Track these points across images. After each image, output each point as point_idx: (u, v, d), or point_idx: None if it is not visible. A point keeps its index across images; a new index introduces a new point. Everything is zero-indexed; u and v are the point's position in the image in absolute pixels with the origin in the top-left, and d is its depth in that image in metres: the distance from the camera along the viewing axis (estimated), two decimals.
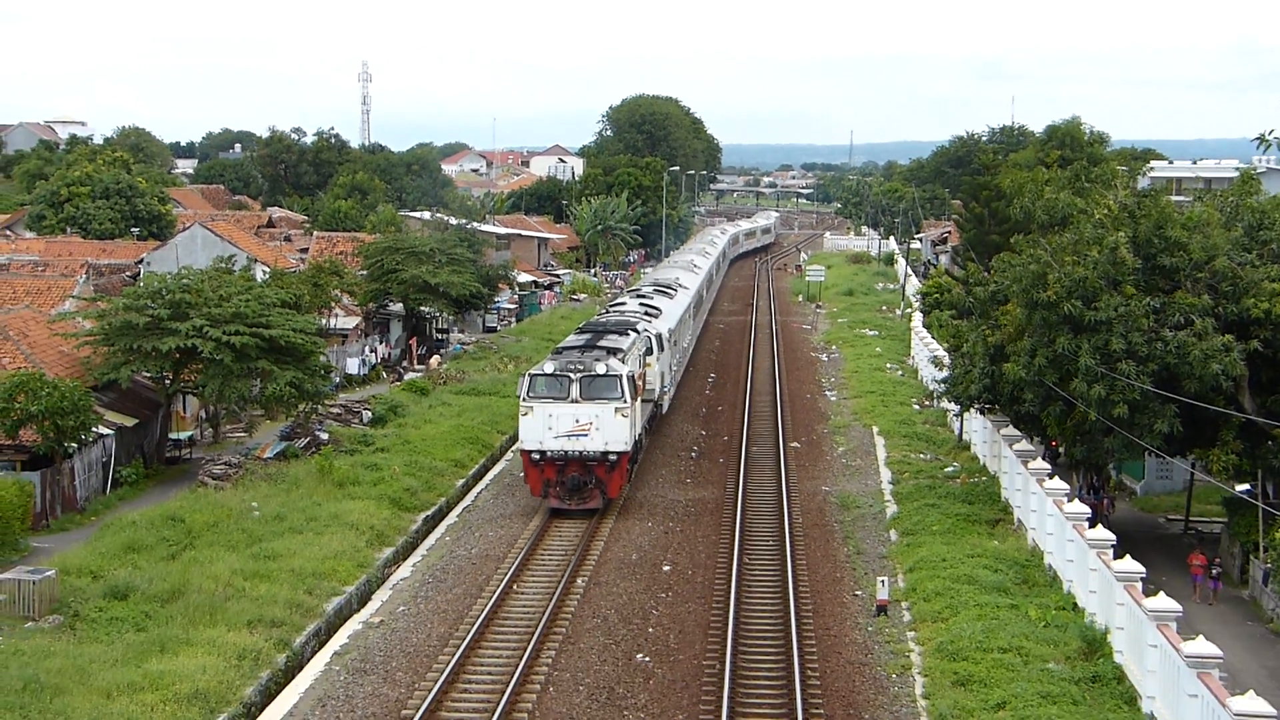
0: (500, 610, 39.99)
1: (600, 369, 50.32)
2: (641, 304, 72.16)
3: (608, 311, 71.56)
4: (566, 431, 49.97)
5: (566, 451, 50.02)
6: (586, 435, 49.94)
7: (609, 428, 50.10)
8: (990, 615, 37.71)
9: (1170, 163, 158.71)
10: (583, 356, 51.50)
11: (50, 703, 30.95)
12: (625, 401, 50.17)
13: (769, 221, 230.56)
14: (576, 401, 49.98)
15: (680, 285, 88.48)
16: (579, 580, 43.28)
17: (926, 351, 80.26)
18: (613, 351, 52.79)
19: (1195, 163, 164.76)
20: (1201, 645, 28.58)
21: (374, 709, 33.21)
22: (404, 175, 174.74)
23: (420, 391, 74.07)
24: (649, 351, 60.64)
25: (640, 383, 55.82)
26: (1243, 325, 43.15)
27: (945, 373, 56.68)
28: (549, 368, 50.74)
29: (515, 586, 42.53)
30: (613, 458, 50.41)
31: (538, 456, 50.39)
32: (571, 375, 50.15)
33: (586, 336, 56.57)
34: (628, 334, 58.00)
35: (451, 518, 52.21)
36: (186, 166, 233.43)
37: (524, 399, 50.55)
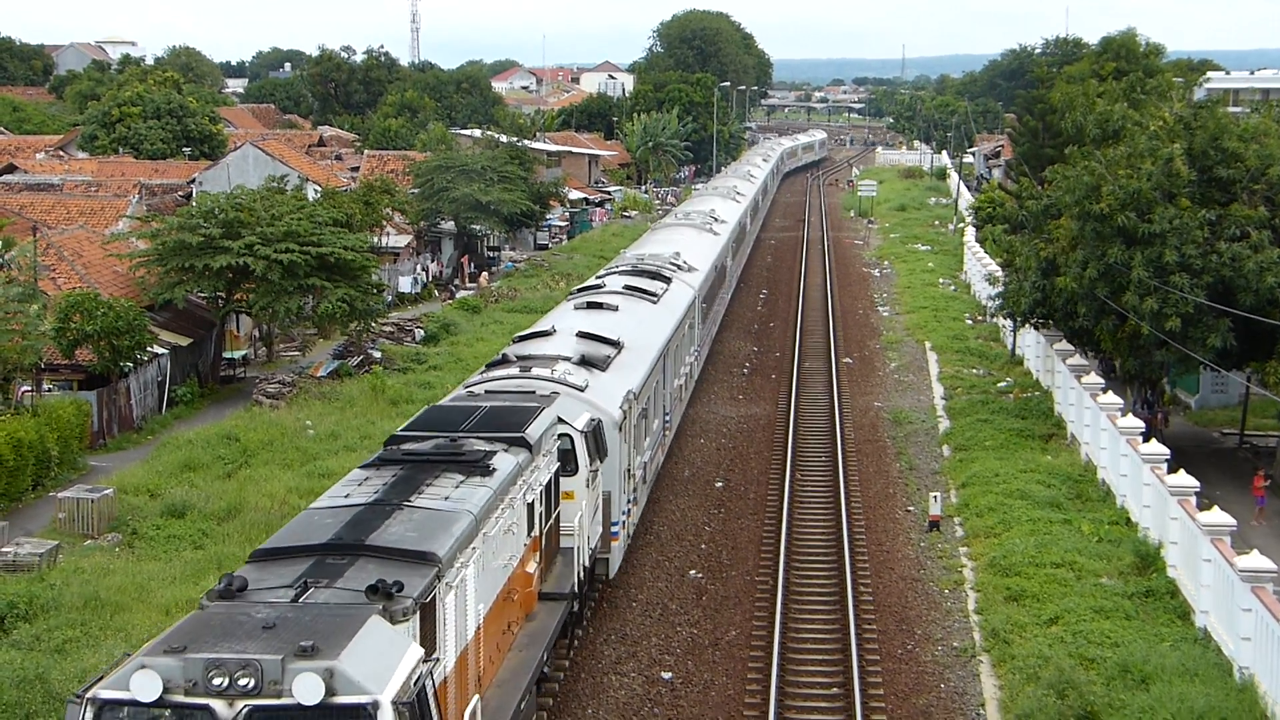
0: None
1: (308, 688, 15.72)
2: (581, 336, 39.11)
3: (504, 360, 36.83)
4: None
5: None
6: None
7: None
8: (1043, 530, 37.65)
9: (1227, 73, 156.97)
10: (278, 628, 16.84)
11: (111, 619, 31.29)
12: None
13: (819, 137, 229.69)
14: None
15: (682, 265, 57.06)
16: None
17: (979, 266, 79.85)
18: (394, 591, 18.49)
19: (1253, 73, 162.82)
20: (1256, 559, 28.48)
21: None
22: (454, 93, 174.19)
23: (472, 309, 74.27)
24: (568, 469, 30.40)
25: (528, 583, 27.01)
26: None
27: (999, 289, 56.31)
28: (145, 685, 15.73)
29: None
30: None
31: None
32: (217, 707, 15.86)
33: (367, 498, 23.00)
34: (485, 472, 24.64)
35: None
36: (237, 86, 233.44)
37: None
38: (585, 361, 36.31)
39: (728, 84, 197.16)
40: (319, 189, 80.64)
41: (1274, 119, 47.45)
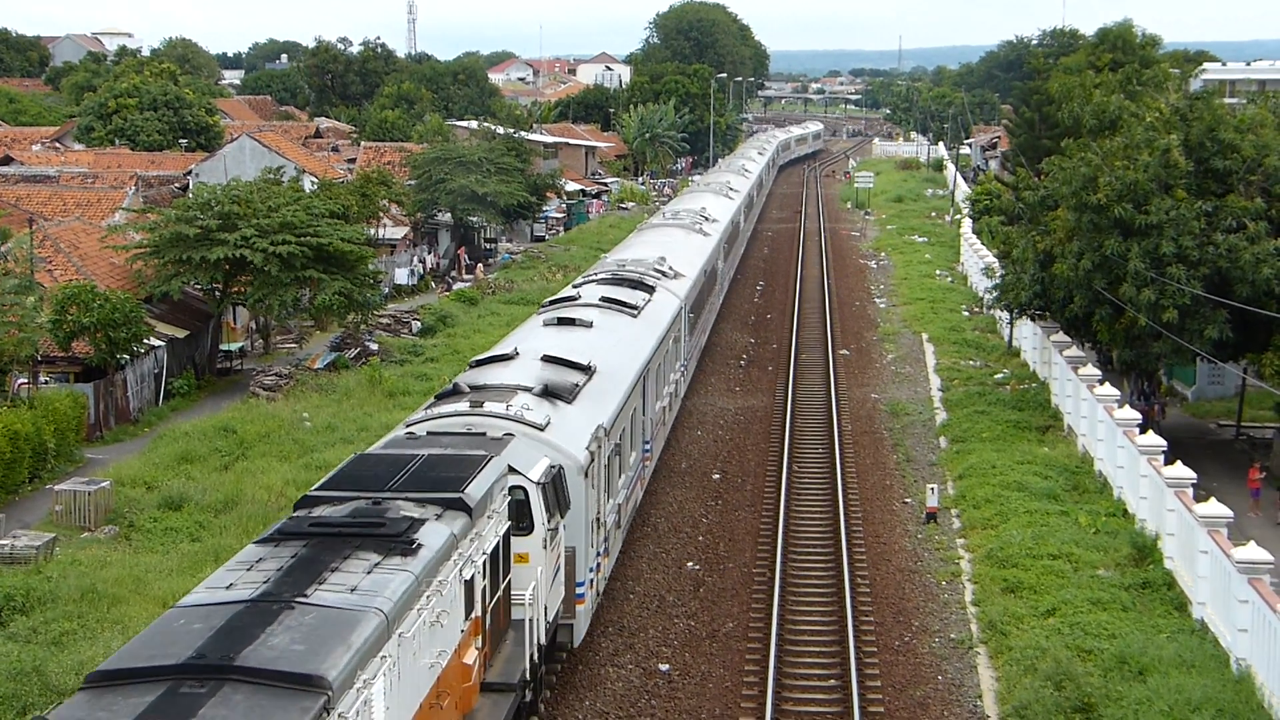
0: None
1: None
2: (546, 361, 34.38)
3: (455, 391, 31.64)
4: None
5: None
6: None
7: None
8: (1040, 522, 37.66)
9: (1224, 65, 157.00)
10: None
11: (108, 612, 31.23)
12: None
13: (816, 129, 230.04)
14: None
15: (667, 272, 52.20)
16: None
17: (976, 258, 79.82)
18: None
19: (1249, 64, 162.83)
20: (1252, 551, 28.49)
21: None
22: (450, 85, 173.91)
23: (469, 301, 74.24)
24: (521, 526, 25.74)
25: (467, 676, 21.97)
26: None
27: (995, 280, 56.29)
28: None
29: None
30: None
31: None
32: None
33: (252, 591, 18.12)
34: (408, 549, 20.04)
35: None
36: (233, 77, 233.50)
37: None
38: (549, 392, 31.50)
39: (724, 75, 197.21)
40: (315, 180, 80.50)
41: (1270, 110, 47.43)
